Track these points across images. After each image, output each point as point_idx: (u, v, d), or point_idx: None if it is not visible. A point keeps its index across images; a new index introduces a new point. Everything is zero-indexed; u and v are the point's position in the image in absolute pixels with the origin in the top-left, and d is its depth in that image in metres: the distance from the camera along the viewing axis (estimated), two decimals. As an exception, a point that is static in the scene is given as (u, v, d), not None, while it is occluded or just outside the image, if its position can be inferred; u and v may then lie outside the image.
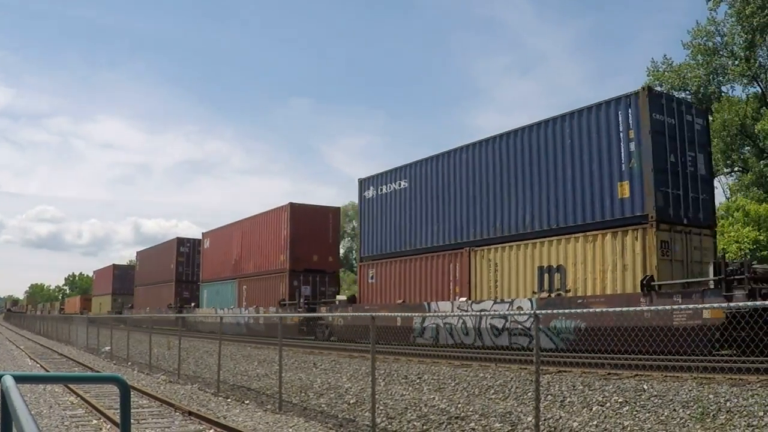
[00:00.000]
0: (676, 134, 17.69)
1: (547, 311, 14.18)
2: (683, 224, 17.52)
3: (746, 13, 36.74)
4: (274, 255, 32.50)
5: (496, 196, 21.03)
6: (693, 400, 9.78)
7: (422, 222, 24.01)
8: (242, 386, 16.16)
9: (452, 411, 11.26)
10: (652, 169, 16.82)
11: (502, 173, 20.88)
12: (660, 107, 17.52)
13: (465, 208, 22.22)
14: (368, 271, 26.37)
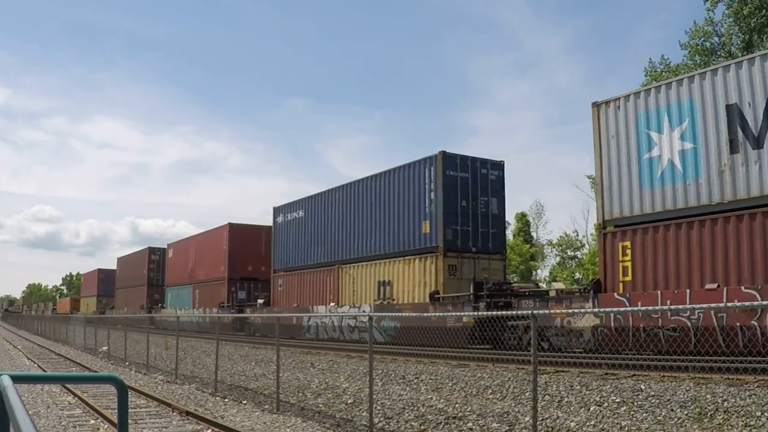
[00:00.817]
0: (468, 184, 23.72)
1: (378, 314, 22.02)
2: (472, 252, 23.56)
3: (744, 13, 36.78)
4: (217, 265, 38.52)
5: (355, 227, 27.68)
6: (690, 400, 9.79)
7: (312, 244, 30.86)
8: (240, 386, 16.15)
9: (450, 411, 11.26)
10: (443, 212, 23.06)
11: (357, 210, 27.62)
12: (454, 165, 23.60)
13: (337, 235, 28.90)
14: (278, 280, 33.45)
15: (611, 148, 17.52)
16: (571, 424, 9.78)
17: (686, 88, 15.90)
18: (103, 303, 60.63)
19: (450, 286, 22.47)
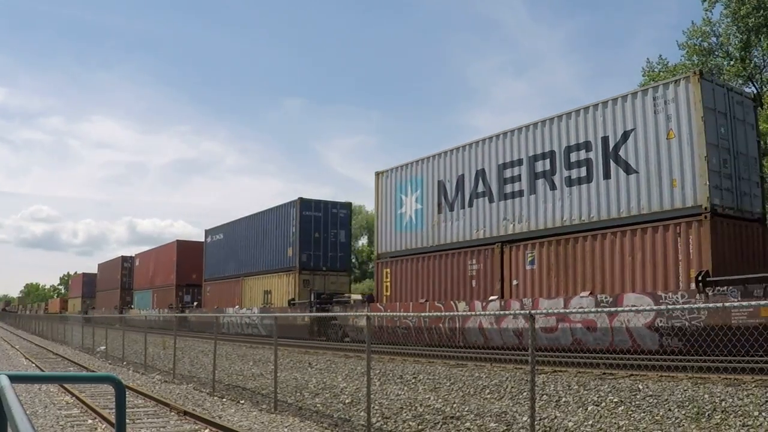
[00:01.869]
0: (321, 220, 32.92)
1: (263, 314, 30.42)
2: (322, 270, 32.76)
3: (741, 13, 36.82)
4: (169, 274, 46.75)
5: (251, 249, 36.85)
6: (688, 399, 9.81)
7: (227, 260, 39.84)
8: (237, 386, 16.14)
9: (447, 411, 11.26)
10: (299, 241, 32.31)
11: (253, 237, 36.91)
12: (309, 207, 32.82)
13: (241, 254, 37.94)
14: (207, 287, 42.49)
15: (382, 203, 25.43)
16: (569, 423, 9.79)
17: (419, 168, 23.65)
18: (86, 303, 67.60)
19: (303, 295, 30.84)
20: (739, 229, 16.05)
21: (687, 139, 15.70)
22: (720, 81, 19.10)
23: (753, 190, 16.95)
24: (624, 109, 17.10)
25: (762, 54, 39.19)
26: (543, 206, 18.95)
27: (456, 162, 22.12)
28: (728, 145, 16.33)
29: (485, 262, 20.35)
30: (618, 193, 17.07)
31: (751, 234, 16.42)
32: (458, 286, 21.19)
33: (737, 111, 17.01)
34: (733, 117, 16.71)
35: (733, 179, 16.25)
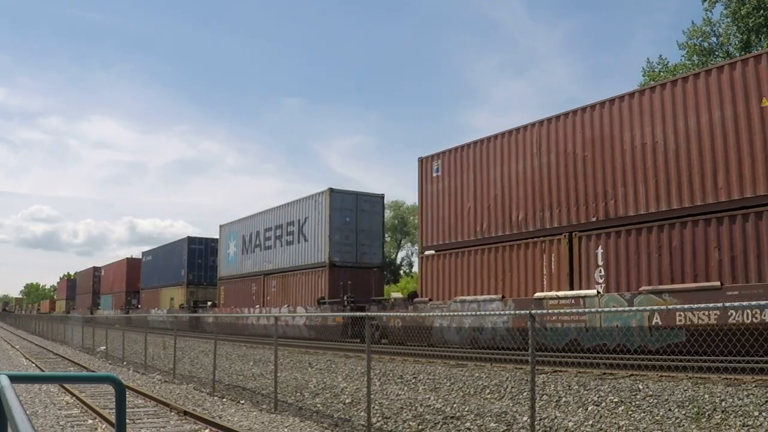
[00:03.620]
0: (203, 251, 43.38)
1: None
2: (203, 285, 43.03)
3: (741, 13, 36.82)
4: (121, 282, 57.18)
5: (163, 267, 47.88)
6: (688, 399, 9.80)
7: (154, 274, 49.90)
8: (238, 386, 16.14)
9: (448, 411, 11.26)
10: (186, 267, 42.84)
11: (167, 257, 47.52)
12: (196, 242, 43.94)
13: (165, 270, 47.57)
14: (142, 294, 52.64)
15: (221, 245, 39.96)
16: (569, 423, 9.79)
17: (236, 226, 38.54)
18: (69, 304, 78.64)
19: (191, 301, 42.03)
20: (357, 272, 28.38)
21: (325, 224, 28.64)
22: (351, 191, 29.72)
23: (374, 250, 29.52)
24: (305, 206, 30.48)
25: (762, 54, 39.15)
26: (279, 254, 32.73)
27: (249, 224, 36.48)
28: (353, 227, 28.95)
29: (259, 286, 34.12)
30: (303, 251, 30.43)
31: (369, 276, 29.10)
32: (252, 299, 34.88)
33: (365, 206, 29.47)
34: (359, 210, 29.19)
35: (355, 245, 28.79)
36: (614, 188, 17.07)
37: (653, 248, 15.95)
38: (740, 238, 14.32)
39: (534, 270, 18.78)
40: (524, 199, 19.50)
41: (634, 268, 16.33)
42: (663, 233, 15.80)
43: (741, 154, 14.54)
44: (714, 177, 15.00)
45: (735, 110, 14.69)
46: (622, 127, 16.96)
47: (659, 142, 16.11)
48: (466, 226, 21.47)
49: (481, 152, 21.20)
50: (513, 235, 19.68)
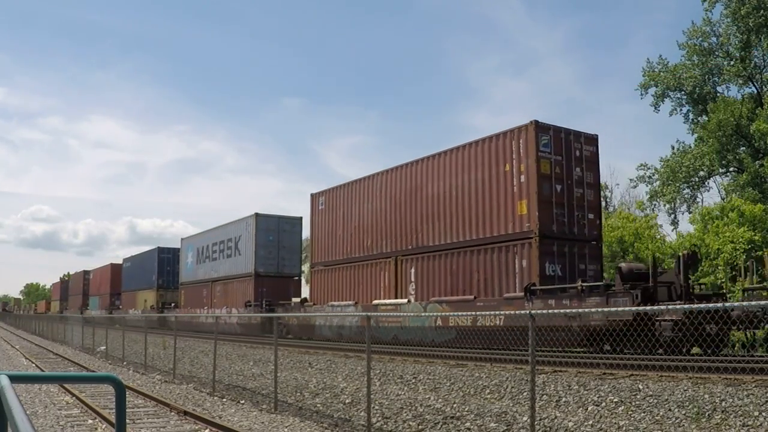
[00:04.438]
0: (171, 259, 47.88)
1: None
2: (171, 288, 47.09)
3: (741, 13, 36.81)
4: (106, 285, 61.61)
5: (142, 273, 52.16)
6: (688, 399, 9.80)
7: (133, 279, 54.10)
8: (238, 386, 16.14)
9: (448, 411, 11.26)
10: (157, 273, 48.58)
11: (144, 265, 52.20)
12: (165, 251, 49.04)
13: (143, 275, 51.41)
14: (123, 295, 57.06)
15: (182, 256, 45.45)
16: (569, 423, 9.79)
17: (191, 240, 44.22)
18: (63, 305, 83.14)
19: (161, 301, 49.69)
20: (278, 281, 34.17)
21: (253, 241, 34.17)
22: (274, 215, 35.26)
23: (293, 263, 35.32)
24: (240, 226, 36.12)
25: (762, 54, 39.17)
26: (221, 265, 38.02)
27: (201, 239, 41.89)
28: (276, 244, 34.40)
29: (208, 290, 39.63)
30: (238, 263, 35.89)
31: (289, 284, 34.81)
32: (203, 301, 40.28)
33: (286, 227, 35.15)
34: (281, 230, 34.74)
35: (277, 258, 34.40)
36: (422, 225, 22.79)
37: (442, 270, 21.67)
38: (489, 264, 19.89)
39: (375, 283, 24.94)
40: (371, 230, 25.50)
41: (430, 284, 22.10)
42: (448, 259, 21.44)
43: (492, 203, 20.02)
44: (477, 219, 20.50)
45: (491, 172, 20.17)
46: (426, 180, 22.80)
47: (448, 192, 21.72)
48: (337, 248, 27.68)
49: (349, 192, 27.37)
50: (364, 257, 25.82)
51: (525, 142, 19.29)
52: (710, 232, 31.59)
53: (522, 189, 19.16)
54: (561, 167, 19.42)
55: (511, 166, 19.57)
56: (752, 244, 29.75)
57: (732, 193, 37.43)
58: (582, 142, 20.16)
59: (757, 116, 36.44)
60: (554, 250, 18.95)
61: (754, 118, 36.63)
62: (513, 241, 19.29)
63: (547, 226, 18.84)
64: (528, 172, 19.03)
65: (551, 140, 19.36)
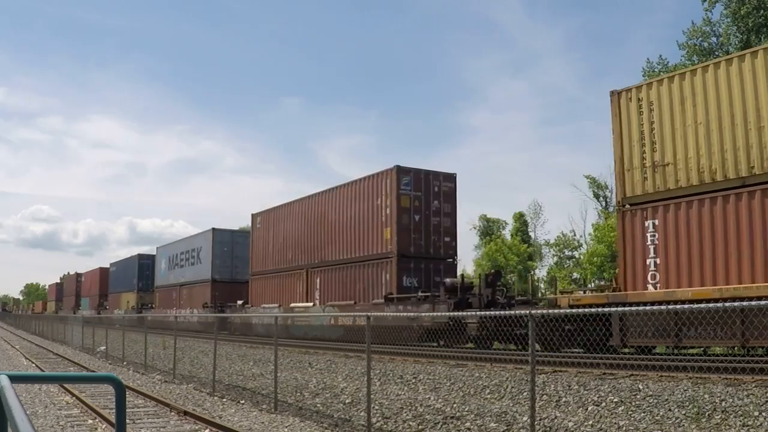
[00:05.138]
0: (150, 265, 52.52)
1: None
2: (149, 291, 52.06)
3: (741, 13, 36.83)
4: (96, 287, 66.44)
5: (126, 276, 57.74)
6: (688, 399, 9.80)
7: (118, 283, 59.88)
8: (238, 386, 16.15)
9: (448, 411, 11.26)
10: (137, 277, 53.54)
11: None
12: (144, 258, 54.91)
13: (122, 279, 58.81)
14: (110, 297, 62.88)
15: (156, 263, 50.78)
16: (569, 423, 9.79)
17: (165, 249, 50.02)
18: (58, 305, 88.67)
19: None
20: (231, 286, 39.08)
21: (210, 252, 39.89)
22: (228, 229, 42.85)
23: (244, 270, 37.14)
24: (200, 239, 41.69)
25: (762, 54, 39.13)
26: (186, 271, 43.63)
27: (172, 248, 47.46)
28: (230, 254, 40.07)
29: (177, 293, 44.97)
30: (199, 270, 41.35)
31: (241, 288, 37.47)
32: (173, 302, 45.12)
33: (239, 240, 40.51)
34: (234, 242, 40.48)
35: (231, 267, 39.66)
36: (325, 244, 28.64)
37: (337, 280, 27.50)
38: (365, 277, 25.70)
39: (293, 290, 30.96)
40: (291, 247, 31.55)
41: (329, 291, 28.03)
42: (341, 272, 27.37)
43: (369, 229, 25.65)
44: (359, 241, 26.22)
45: (369, 205, 25.65)
46: (328, 209, 28.68)
47: (342, 219, 27.54)
48: (268, 260, 33.77)
49: (277, 215, 33.42)
50: (286, 268, 31.86)
51: (390, 182, 24.48)
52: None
53: (387, 219, 24.48)
54: (420, 201, 24.63)
55: (382, 200, 24.91)
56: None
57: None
58: (441, 180, 25.24)
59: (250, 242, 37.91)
60: (411, 266, 24.31)
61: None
62: (380, 260, 24.86)
63: (405, 248, 24.18)
64: (392, 206, 24.33)
65: (412, 180, 24.60)
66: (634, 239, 15.99)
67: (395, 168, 24.35)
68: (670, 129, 15.58)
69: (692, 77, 15.32)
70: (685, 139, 15.26)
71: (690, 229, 14.84)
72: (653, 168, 15.80)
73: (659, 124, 15.84)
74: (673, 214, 15.26)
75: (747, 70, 14.21)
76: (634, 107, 16.39)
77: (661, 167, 15.67)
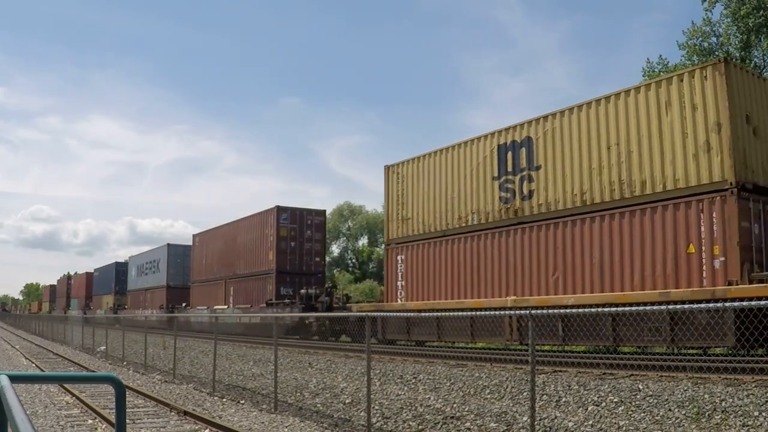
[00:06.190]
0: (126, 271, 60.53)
1: None
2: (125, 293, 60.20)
3: (741, 13, 36.82)
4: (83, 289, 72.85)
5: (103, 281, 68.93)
6: (688, 399, 9.80)
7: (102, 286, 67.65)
8: (238, 386, 16.15)
9: (448, 411, 11.26)
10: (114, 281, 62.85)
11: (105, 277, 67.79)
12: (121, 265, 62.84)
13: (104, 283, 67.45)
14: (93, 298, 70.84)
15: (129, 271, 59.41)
16: (569, 424, 9.79)
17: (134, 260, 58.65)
18: (51, 306, 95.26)
19: None
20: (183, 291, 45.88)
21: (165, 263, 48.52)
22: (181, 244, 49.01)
23: None
24: (159, 251, 50.44)
25: (762, 54, 39.15)
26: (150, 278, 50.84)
27: (140, 258, 55.11)
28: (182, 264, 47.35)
29: (143, 296, 52.35)
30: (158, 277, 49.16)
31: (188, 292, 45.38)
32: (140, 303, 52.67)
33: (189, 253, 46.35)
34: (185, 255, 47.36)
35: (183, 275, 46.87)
36: (236, 261, 37.42)
37: (242, 288, 36.37)
38: (257, 287, 34.77)
39: (216, 295, 39.41)
40: (216, 262, 40.27)
41: (238, 297, 36.77)
42: (244, 283, 36.24)
43: (260, 252, 34.86)
44: (254, 260, 35.30)
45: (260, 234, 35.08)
46: (237, 234, 37.84)
47: (244, 243, 36.76)
48: (202, 272, 42.46)
49: (209, 236, 42.57)
50: (212, 278, 40.47)
51: (272, 217, 33.62)
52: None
53: (271, 244, 33.37)
54: (296, 231, 33.67)
55: (268, 231, 33.93)
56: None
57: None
58: (313, 215, 34.53)
59: None
60: (287, 280, 33.02)
61: (754, 118, 36.59)
62: (266, 274, 33.81)
63: (283, 266, 33.16)
64: (274, 235, 33.24)
65: (289, 216, 33.64)
66: (391, 267, 23.37)
67: (275, 207, 33.56)
68: (411, 195, 23.03)
69: (426, 159, 22.53)
70: (418, 203, 22.62)
71: (421, 262, 22.12)
72: (402, 220, 23.22)
73: (405, 191, 23.31)
74: (412, 251, 22.56)
75: (456, 157, 21.25)
76: (394, 178, 23.91)
77: (406, 220, 23.06)
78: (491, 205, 19.79)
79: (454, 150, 21.32)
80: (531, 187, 18.61)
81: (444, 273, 21.03)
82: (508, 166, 19.38)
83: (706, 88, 14.88)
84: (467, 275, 20.22)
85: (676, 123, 15.35)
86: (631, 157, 16.18)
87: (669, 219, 15.26)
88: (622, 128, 16.45)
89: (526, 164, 18.84)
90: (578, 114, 17.55)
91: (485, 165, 20.11)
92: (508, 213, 19.26)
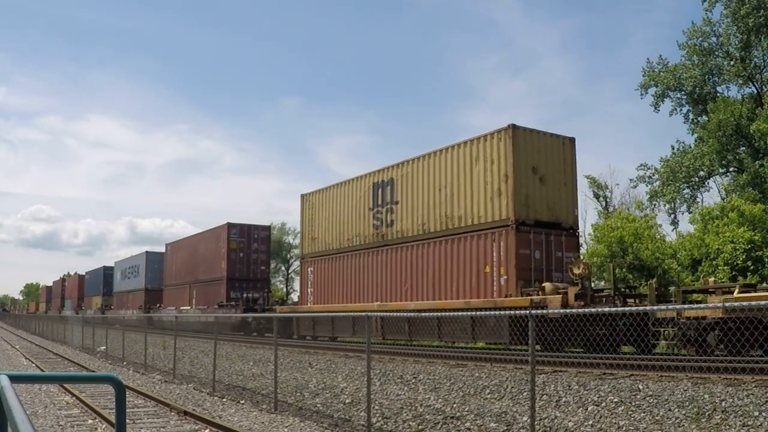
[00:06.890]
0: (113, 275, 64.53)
1: None
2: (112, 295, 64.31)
3: (741, 13, 36.83)
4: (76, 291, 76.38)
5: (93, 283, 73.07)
6: (688, 399, 9.80)
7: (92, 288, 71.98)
8: (238, 386, 16.14)
9: (448, 411, 11.26)
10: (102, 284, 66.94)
11: None
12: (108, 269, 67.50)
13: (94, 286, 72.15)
14: (85, 299, 72.90)
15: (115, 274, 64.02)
16: (569, 423, 9.79)
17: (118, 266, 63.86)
18: (48, 306, 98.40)
19: None
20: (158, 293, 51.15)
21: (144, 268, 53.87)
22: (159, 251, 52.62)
23: None
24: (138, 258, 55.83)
25: (762, 54, 39.15)
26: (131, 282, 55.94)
27: (123, 264, 59.78)
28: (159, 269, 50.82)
29: (126, 298, 56.89)
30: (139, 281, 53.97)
31: None
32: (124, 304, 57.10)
33: None
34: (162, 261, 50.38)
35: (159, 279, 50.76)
36: (197, 268, 42.29)
37: (202, 291, 40.91)
38: (211, 291, 39.53)
39: (183, 297, 44.03)
40: (183, 268, 44.91)
41: (198, 299, 41.38)
42: (204, 288, 40.71)
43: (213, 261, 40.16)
44: (210, 268, 40.16)
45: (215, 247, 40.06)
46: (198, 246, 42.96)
47: (202, 253, 41.74)
48: (172, 276, 47.03)
49: (178, 246, 47.39)
50: (180, 282, 44.95)
51: (224, 232, 38.78)
52: (710, 232, 31.60)
53: (223, 255, 38.44)
54: (244, 244, 38.89)
55: (220, 243, 39.06)
56: (752, 243, 29.76)
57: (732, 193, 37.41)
58: (259, 231, 40.01)
59: (757, 116, 36.44)
60: (236, 285, 37.96)
61: (754, 118, 36.62)
62: (218, 281, 38.84)
63: (232, 273, 38.13)
64: (225, 247, 38.36)
65: (238, 231, 38.96)
66: (304, 277, 29.68)
67: (227, 224, 38.97)
68: (318, 219, 28.75)
69: (330, 191, 28.14)
70: (322, 225, 28.26)
71: (323, 273, 27.78)
72: (312, 239, 29.05)
73: (314, 215, 29.13)
74: (318, 264, 28.27)
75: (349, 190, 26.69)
76: (307, 204, 29.89)
77: (314, 239, 28.79)
78: (367, 230, 25.19)
79: (348, 184, 26.87)
80: (392, 218, 23.92)
81: (337, 282, 26.87)
82: (379, 200, 24.79)
83: (501, 148, 19.62)
84: (351, 285, 25.88)
85: (481, 173, 20.13)
86: (453, 198, 21.12)
87: (474, 246, 20.12)
88: (449, 175, 21.40)
89: (390, 199, 24.16)
90: (423, 162, 22.61)
91: (365, 198, 25.61)
92: (378, 237, 24.63)
